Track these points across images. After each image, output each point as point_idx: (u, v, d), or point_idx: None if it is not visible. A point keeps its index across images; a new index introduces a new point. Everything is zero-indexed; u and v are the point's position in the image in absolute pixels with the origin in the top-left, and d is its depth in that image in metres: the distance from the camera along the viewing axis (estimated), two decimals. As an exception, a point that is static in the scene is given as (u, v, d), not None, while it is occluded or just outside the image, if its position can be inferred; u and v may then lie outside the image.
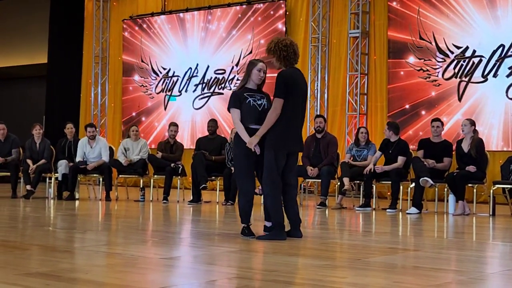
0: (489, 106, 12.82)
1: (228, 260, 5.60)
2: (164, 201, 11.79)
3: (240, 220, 6.91)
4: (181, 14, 16.92)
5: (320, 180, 11.43)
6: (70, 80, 18.88)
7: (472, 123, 10.55)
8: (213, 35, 16.45)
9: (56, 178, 12.36)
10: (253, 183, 6.89)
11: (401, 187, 10.81)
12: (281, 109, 6.66)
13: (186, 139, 16.43)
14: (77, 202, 11.67)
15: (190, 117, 16.73)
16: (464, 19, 13.16)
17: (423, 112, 13.47)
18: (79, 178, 12.46)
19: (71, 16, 18.88)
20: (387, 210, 10.55)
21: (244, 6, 15.97)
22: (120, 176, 12.76)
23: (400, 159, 10.85)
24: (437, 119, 11.08)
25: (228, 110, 6.98)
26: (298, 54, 6.91)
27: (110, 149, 12.74)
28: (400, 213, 10.43)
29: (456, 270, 5.35)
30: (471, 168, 10.25)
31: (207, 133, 12.52)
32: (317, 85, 15.12)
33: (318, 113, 14.24)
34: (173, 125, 12.71)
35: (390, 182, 10.88)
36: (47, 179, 12.65)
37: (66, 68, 18.96)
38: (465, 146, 10.47)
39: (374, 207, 11.04)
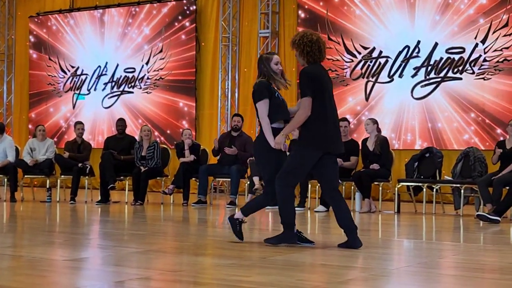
0: (395, 106, 13.12)
1: (136, 261, 5.56)
2: (72, 201, 11.60)
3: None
4: (95, 12, 16.65)
5: (230, 179, 11.53)
6: (-26, 78, 18.34)
7: (375, 121, 10.79)
8: (123, 33, 16.26)
9: (-41, 179, 12.02)
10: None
11: (309, 185, 10.96)
12: (310, 109, 6.19)
13: (88, 136, 16.18)
14: (-20, 204, 11.38)
15: (97, 116, 16.49)
16: (371, 20, 13.43)
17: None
18: (-17, 179, 12.16)
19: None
20: (296, 209, 10.63)
21: (154, 4, 15.85)
22: (26, 176, 12.49)
23: (309, 158, 10.97)
24: (344, 119, 11.27)
25: (256, 103, 6.44)
26: (324, 51, 6.43)
27: (16, 149, 12.45)
28: (309, 211, 10.58)
29: (360, 267, 5.47)
30: (375, 166, 10.49)
31: (115, 132, 12.42)
32: (228, 84, 15.15)
33: (236, 112, 14.25)
34: (79, 123, 12.48)
35: (299, 181, 11.00)
36: (-51, 180, 12.29)
37: (-30, 65, 18.40)
38: (370, 145, 10.69)
39: (283, 205, 11.12)
